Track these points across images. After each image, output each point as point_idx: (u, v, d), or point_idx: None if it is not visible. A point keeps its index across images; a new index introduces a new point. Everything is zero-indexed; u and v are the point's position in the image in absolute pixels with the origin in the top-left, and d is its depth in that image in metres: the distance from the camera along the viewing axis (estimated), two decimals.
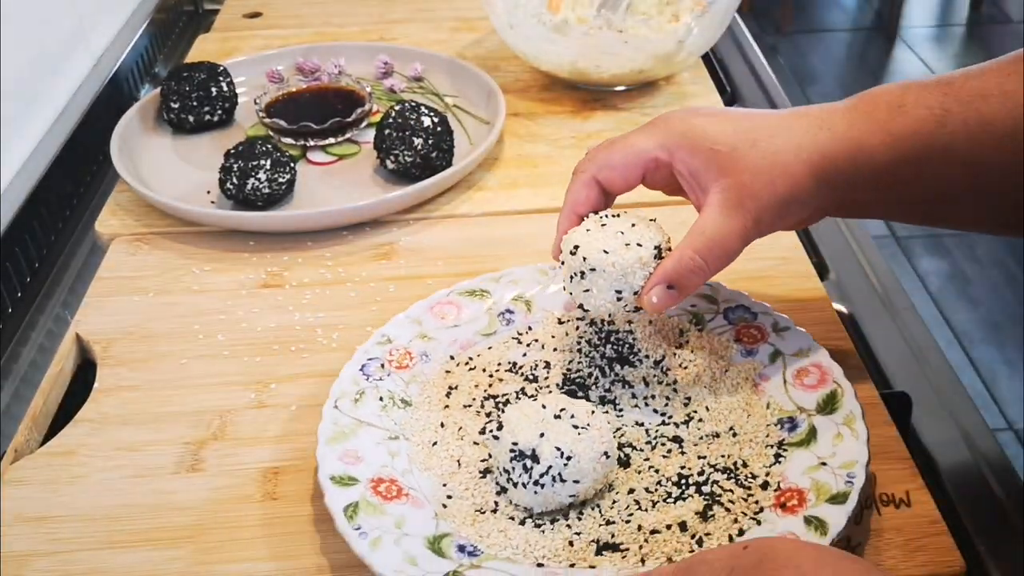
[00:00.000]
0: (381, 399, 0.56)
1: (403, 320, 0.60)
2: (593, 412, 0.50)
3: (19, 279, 0.73)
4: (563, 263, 0.54)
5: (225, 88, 0.85)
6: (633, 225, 0.53)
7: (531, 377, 0.58)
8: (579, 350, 0.59)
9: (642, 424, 0.55)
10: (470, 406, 0.57)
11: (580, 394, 0.57)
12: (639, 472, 0.52)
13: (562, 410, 0.50)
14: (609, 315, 0.54)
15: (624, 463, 0.53)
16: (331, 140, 0.82)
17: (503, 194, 0.78)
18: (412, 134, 0.75)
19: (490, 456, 0.52)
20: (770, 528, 0.48)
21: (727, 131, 0.52)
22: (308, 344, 0.63)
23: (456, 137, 0.79)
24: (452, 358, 0.60)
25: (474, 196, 0.78)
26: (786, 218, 0.53)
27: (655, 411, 0.56)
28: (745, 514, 0.49)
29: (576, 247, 0.53)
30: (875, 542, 0.49)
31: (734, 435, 0.54)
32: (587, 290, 0.52)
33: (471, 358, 0.60)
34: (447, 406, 0.57)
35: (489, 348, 0.61)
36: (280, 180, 0.73)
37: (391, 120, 0.76)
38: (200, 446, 0.56)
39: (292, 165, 0.75)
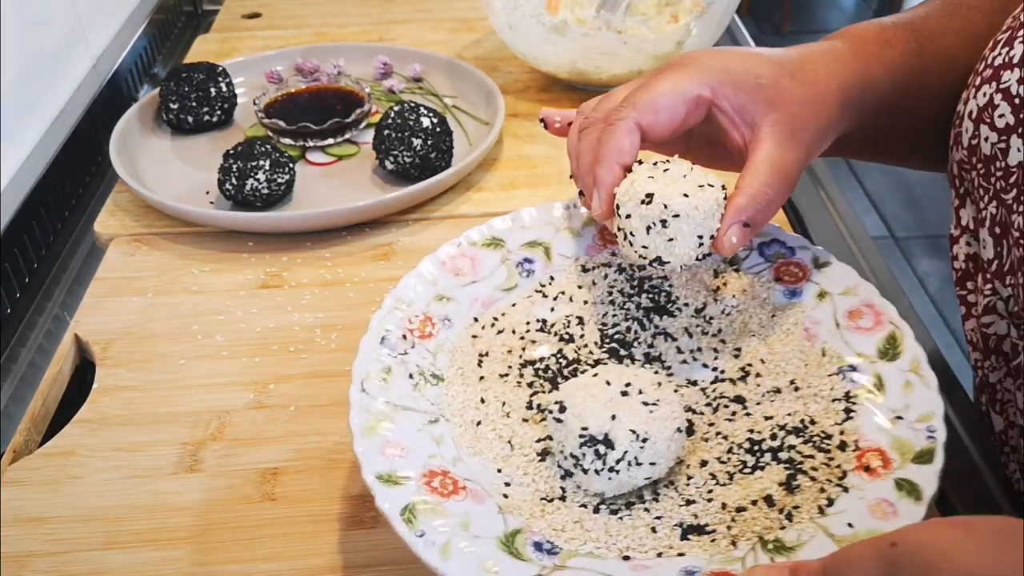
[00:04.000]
0: (411, 376, 0.50)
1: (415, 281, 0.55)
2: (660, 384, 0.47)
3: (18, 279, 0.73)
4: (627, 217, 0.49)
5: (224, 89, 0.85)
6: (691, 168, 0.50)
7: (566, 336, 0.54)
8: (611, 301, 0.55)
9: (695, 383, 0.52)
10: (507, 375, 0.52)
11: (623, 352, 0.54)
12: (707, 440, 0.49)
13: (628, 385, 0.47)
14: (681, 266, 0.50)
15: (688, 431, 0.49)
16: (330, 141, 0.82)
17: (502, 195, 0.78)
18: (411, 135, 0.75)
19: (548, 438, 0.48)
20: (860, 496, 0.44)
21: (764, 65, 0.51)
22: (307, 344, 0.63)
23: (455, 138, 0.79)
24: (476, 320, 0.54)
25: (473, 197, 0.78)
26: (821, 147, 0.53)
27: (705, 366, 0.53)
28: (830, 481, 0.45)
29: (649, 195, 0.48)
30: None
31: (796, 389, 0.50)
32: (671, 239, 0.48)
33: (496, 318, 0.55)
34: (482, 377, 0.52)
35: (513, 305, 0.55)
36: (279, 181, 0.73)
37: (390, 121, 0.76)
38: (199, 446, 0.56)
39: (291, 166, 0.75)
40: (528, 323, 0.55)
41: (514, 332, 0.55)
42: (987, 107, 0.48)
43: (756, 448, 0.48)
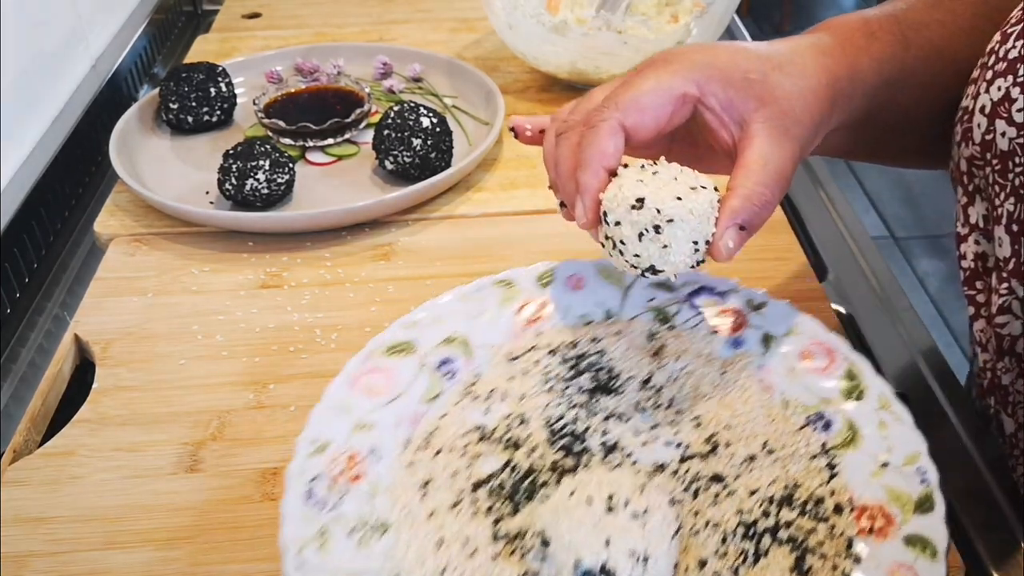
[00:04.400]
0: (352, 532, 0.44)
1: (327, 412, 0.48)
2: (643, 488, 0.43)
3: (18, 280, 0.73)
4: (615, 224, 0.46)
5: (224, 89, 0.85)
6: (681, 171, 0.47)
7: (510, 441, 0.48)
8: (550, 390, 0.51)
9: (663, 467, 0.47)
10: (459, 504, 0.46)
11: (577, 447, 0.48)
12: (697, 534, 0.44)
13: (610, 498, 0.42)
14: (675, 275, 0.47)
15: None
16: (330, 141, 0.82)
17: (502, 195, 0.78)
18: (411, 135, 0.75)
19: (528, 574, 0.43)
20: (875, 565, 0.42)
21: (752, 59, 0.49)
22: (307, 345, 0.63)
23: (455, 138, 0.79)
24: (407, 445, 0.48)
25: (473, 197, 0.78)
26: (814, 143, 0.51)
27: (668, 443, 0.48)
28: (839, 555, 0.43)
29: (640, 200, 0.45)
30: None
31: (770, 452, 0.47)
32: (665, 246, 0.45)
33: (428, 437, 0.49)
34: (432, 513, 0.45)
35: (443, 416, 0.49)
36: (279, 181, 0.73)
37: (390, 121, 0.76)
38: (199, 447, 0.56)
39: (291, 166, 0.75)
40: (465, 435, 0.49)
41: (452, 449, 0.48)
42: (1003, 101, 0.47)
43: (752, 532, 0.45)
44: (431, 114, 0.77)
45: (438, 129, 0.76)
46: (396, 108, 0.77)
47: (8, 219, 0.73)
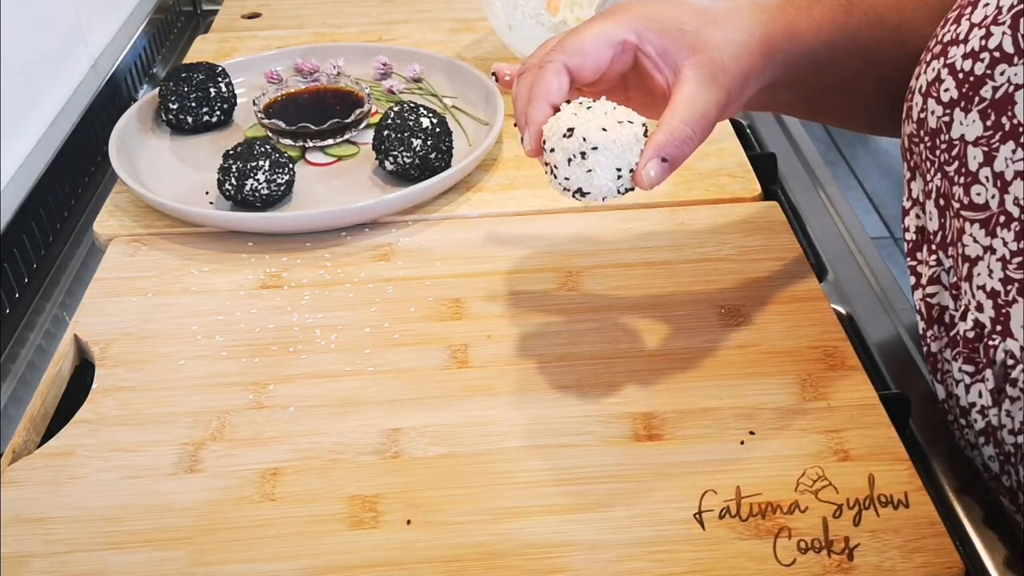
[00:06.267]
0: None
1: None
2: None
3: (17, 280, 0.73)
4: (551, 151, 0.52)
5: (224, 89, 0.85)
6: (614, 107, 0.53)
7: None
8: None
9: None
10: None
11: None
12: None
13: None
14: (603, 198, 0.52)
15: None
16: (330, 141, 0.82)
17: (502, 195, 0.78)
18: (411, 135, 0.75)
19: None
20: None
21: (688, 13, 0.55)
22: (307, 345, 0.63)
23: (455, 138, 0.79)
24: None
25: (473, 197, 0.78)
26: (743, 94, 0.56)
27: None
28: None
29: (571, 129, 0.51)
30: (874, 543, 0.49)
31: None
32: (589, 170, 0.51)
33: None
34: None
35: None
36: (279, 181, 0.73)
37: (390, 121, 0.76)
38: (198, 447, 0.56)
39: (291, 166, 0.75)
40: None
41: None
42: (935, 82, 0.51)
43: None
44: (431, 114, 0.77)
45: (438, 129, 0.76)
46: (396, 108, 0.77)
47: (8, 219, 0.73)
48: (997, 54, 0.46)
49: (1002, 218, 0.48)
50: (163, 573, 0.49)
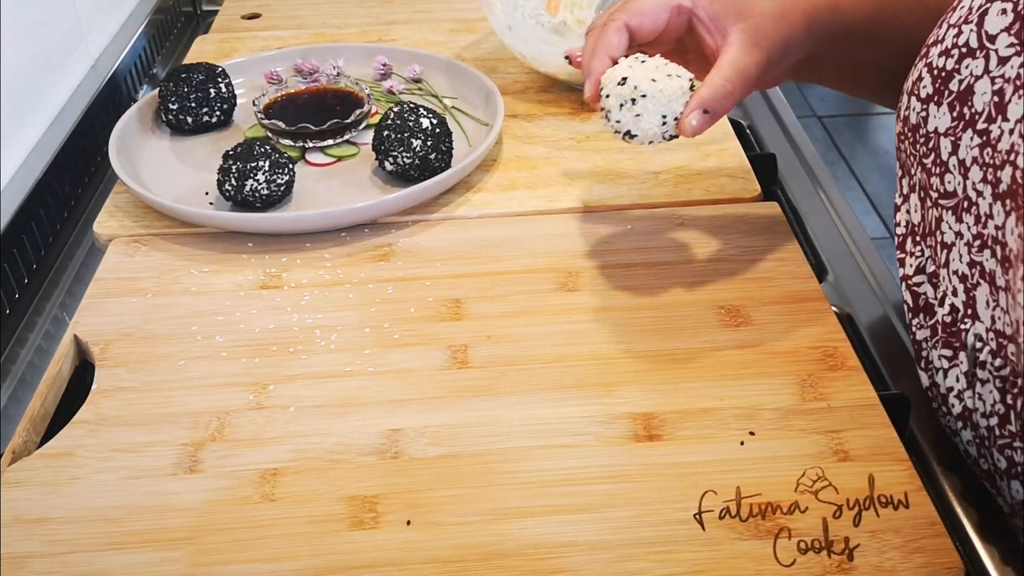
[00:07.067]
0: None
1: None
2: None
3: (17, 280, 0.73)
4: (606, 97, 0.60)
5: (224, 89, 0.85)
6: (666, 63, 0.60)
7: None
8: None
9: None
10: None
11: None
12: None
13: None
14: (649, 142, 0.60)
15: None
16: (330, 141, 0.82)
17: (502, 195, 0.78)
18: (411, 136, 0.75)
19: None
20: None
21: None
22: (306, 345, 0.63)
23: (455, 139, 0.79)
24: None
25: (473, 198, 0.78)
26: (784, 60, 0.62)
27: None
28: None
29: (624, 78, 0.59)
30: (874, 543, 0.49)
31: None
32: (638, 115, 0.59)
33: None
34: None
35: None
36: (279, 181, 0.73)
37: (390, 122, 0.76)
38: (198, 447, 0.56)
39: (291, 166, 0.75)
40: None
41: None
42: (917, 80, 0.54)
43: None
44: (431, 115, 0.77)
45: (438, 130, 0.76)
46: (396, 109, 0.77)
47: (7, 219, 0.73)
48: (964, 49, 0.50)
49: (966, 203, 0.50)
50: (163, 573, 0.49)
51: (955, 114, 0.50)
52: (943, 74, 0.51)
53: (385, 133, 0.76)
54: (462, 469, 0.54)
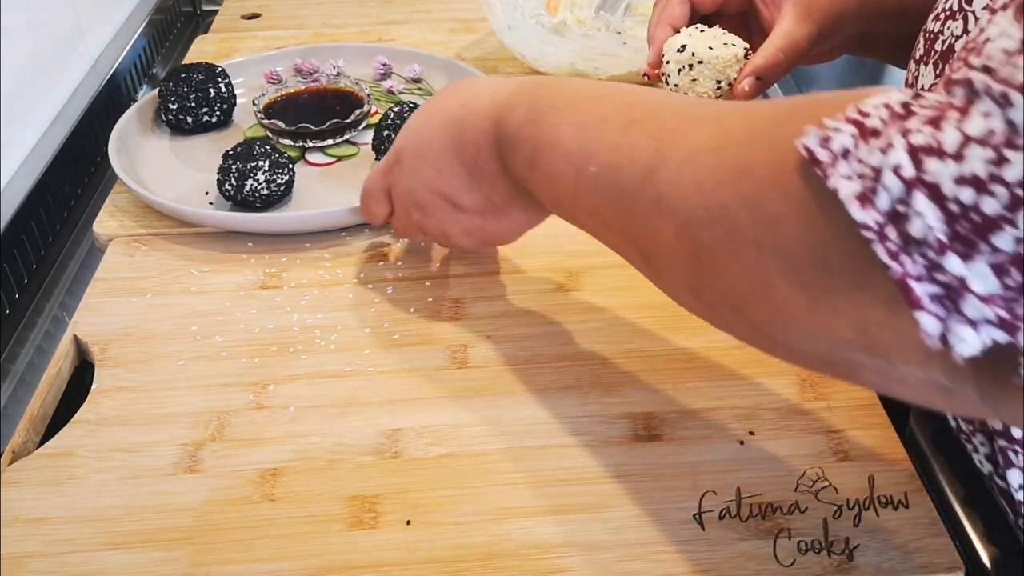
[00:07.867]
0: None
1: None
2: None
3: (17, 280, 0.73)
4: (666, 63, 0.66)
5: (223, 89, 0.85)
6: (724, 33, 0.66)
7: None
8: None
9: None
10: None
11: None
12: None
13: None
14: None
15: None
16: (329, 141, 0.82)
17: None
18: None
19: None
20: None
21: None
22: (306, 345, 0.63)
23: None
24: None
25: None
26: (836, 34, 0.66)
27: None
28: None
29: (684, 46, 0.65)
30: (874, 544, 0.49)
31: None
32: (694, 80, 0.65)
33: None
34: None
35: None
36: (278, 181, 0.73)
37: (389, 121, 0.76)
38: (198, 447, 0.56)
39: (290, 166, 0.75)
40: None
41: None
42: (915, 46, 0.57)
43: None
44: None
45: None
46: (396, 109, 0.77)
47: (7, 219, 0.73)
48: (948, 12, 0.52)
49: None
50: (163, 573, 0.49)
51: (937, 72, 0.53)
52: (931, 36, 0.54)
53: (385, 133, 0.76)
54: (462, 469, 0.54)
